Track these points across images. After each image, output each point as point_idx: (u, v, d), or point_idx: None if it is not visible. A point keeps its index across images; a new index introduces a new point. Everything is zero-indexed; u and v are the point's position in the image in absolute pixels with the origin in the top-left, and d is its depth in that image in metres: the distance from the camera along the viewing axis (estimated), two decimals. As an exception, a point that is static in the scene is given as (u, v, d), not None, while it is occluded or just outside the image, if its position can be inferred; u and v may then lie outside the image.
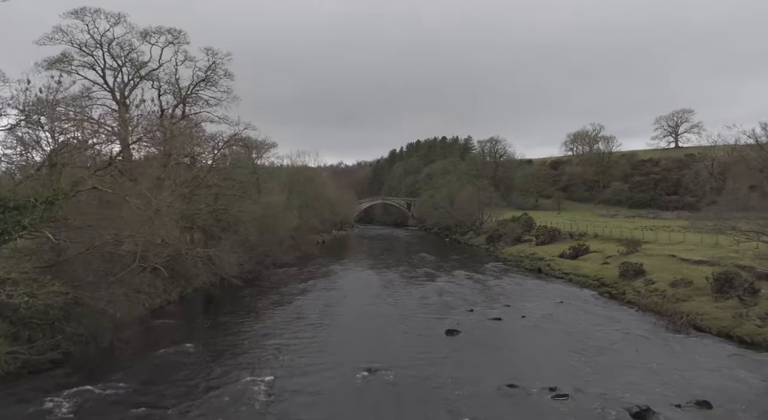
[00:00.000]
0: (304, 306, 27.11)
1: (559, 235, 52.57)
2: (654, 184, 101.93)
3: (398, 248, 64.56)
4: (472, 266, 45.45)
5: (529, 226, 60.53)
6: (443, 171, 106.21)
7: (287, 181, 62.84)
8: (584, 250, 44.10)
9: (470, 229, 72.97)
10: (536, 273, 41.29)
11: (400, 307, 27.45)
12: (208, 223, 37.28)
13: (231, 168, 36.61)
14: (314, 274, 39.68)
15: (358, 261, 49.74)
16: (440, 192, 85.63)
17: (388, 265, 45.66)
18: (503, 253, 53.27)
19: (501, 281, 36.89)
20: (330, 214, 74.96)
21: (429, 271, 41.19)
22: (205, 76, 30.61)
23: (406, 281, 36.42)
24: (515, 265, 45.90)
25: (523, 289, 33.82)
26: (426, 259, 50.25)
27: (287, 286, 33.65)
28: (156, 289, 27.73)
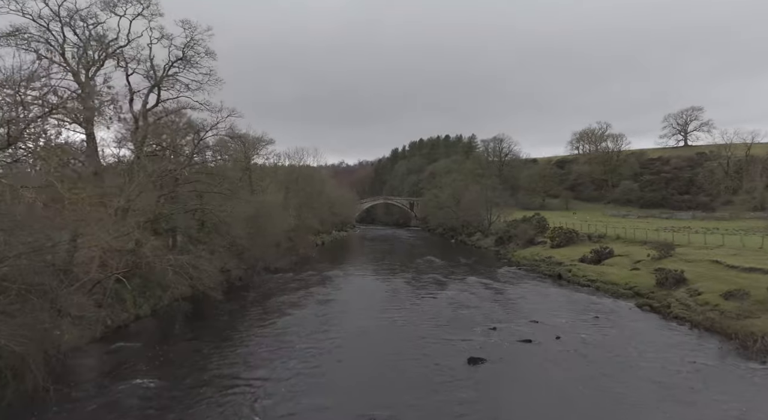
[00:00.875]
0: (295, 325, 22.62)
1: (576, 237, 48.08)
2: (665, 183, 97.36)
3: (402, 250, 60.12)
4: (485, 271, 41.00)
5: (542, 227, 56.02)
6: (447, 170, 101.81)
7: (284, 179, 58.45)
8: (608, 253, 39.61)
9: (477, 230, 68.50)
10: (556, 279, 36.82)
11: (409, 324, 23.00)
12: (189, 224, 33.04)
13: (215, 161, 32.20)
14: (310, 281, 35.25)
15: (360, 265, 45.34)
16: (445, 191, 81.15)
17: (393, 271, 41.23)
18: (516, 257, 48.79)
19: (520, 290, 32.44)
20: (330, 215, 70.56)
21: (438, 278, 36.75)
22: (183, 55, 26.11)
23: (413, 290, 31.98)
24: (531, 270, 41.42)
25: (547, 299, 29.35)
26: (433, 263, 45.81)
27: (278, 296, 29.19)
28: (123, 303, 23.35)
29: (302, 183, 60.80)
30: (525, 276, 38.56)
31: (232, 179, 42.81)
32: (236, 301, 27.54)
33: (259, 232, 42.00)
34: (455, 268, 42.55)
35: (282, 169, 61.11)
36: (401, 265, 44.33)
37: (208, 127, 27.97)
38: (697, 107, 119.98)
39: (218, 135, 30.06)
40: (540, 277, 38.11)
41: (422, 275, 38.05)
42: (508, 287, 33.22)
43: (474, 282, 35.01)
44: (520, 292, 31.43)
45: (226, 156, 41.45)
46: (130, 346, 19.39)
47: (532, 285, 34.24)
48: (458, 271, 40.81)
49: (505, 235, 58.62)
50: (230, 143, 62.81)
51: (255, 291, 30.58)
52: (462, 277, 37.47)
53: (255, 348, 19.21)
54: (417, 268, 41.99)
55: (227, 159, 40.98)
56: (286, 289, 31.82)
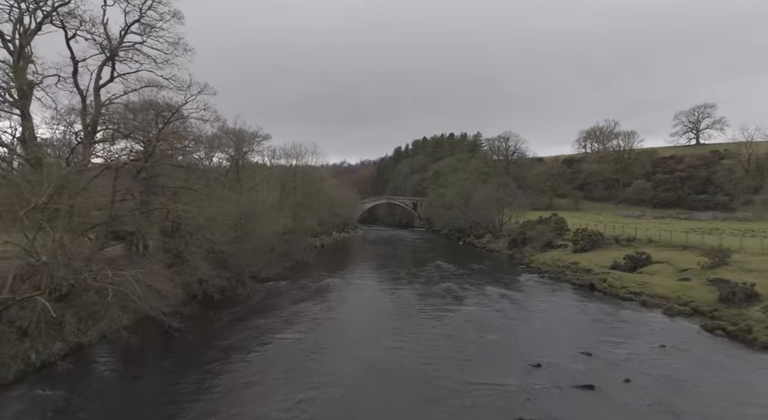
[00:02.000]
0: (278, 361, 17.02)
1: (601, 241, 42.53)
2: (680, 182, 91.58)
3: (407, 254, 54.57)
4: (503, 279, 35.49)
5: (561, 229, 50.50)
6: (452, 169, 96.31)
7: (280, 177, 52.99)
8: (645, 260, 34.08)
9: (488, 232, 62.92)
10: (588, 290, 31.28)
11: (424, 357, 17.49)
12: (163, 228, 27.63)
13: (188, 152, 26.76)
14: (304, 293, 29.72)
15: (361, 272, 39.80)
16: (451, 190, 75.61)
17: (398, 279, 35.69)
18: (534, 262, 43.22)
19: (551, 304, 26.90)
20: (330, 215, 65.09)
21: (451, 288, 31.24)
22: (140, 15, 20.63)
23: (424, 305, 26.43)
24: (556, 278, 35.86)
25: (588, 318, 23.81)
26: (443, 269, 40.28)
27: (262, 315, 23.61)
28: (60, 328, 17.85)
29: (299, 181, 55.31)
30: (551, 286, 33.01)
31: (215, 175, 37.57)
32: (208, 322, 22.00)
33: (248, 236, 36.68)
34: (469, 275, 37.00)
35: (277, 167, 55.59)
36: (407, 272, 38.79)
37: (175, 108, 22.31)
38: (709, 104, 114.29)
39: (191, 117, 24.48)
40: (569, 287, 32.55)
41: (433, 285, 32.52)
42: (536, 301, 27.68)
43: (494, 294, 29.51)
44: (553, 308, 25.89)
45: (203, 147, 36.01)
46: (47, 394, 13.94)
47: (563, 298, 28.70)
48: (473, 279, 35.28)
49: (519, 237, 53.10)
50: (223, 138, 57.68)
51: (236, 307, 25.06)
52: (479, 286, 31.96)
53: (215, 403, 13.70)
54: (426, 276, 36.46)
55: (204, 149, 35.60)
56: (273, 304, 26.29)
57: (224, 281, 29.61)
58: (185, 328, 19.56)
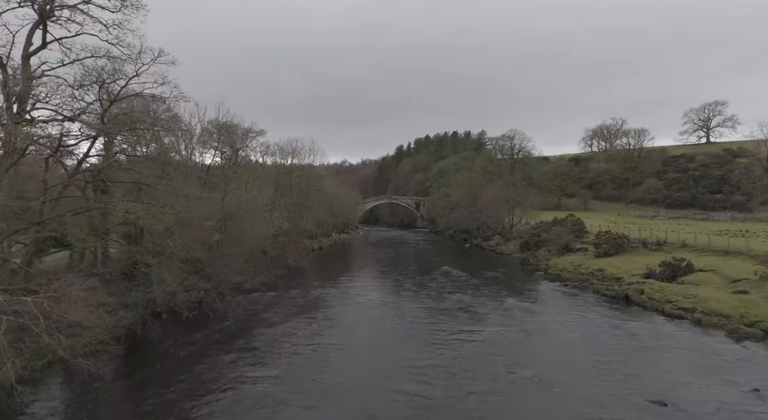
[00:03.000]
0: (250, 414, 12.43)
1: (627, 244, 37.81)
2: (693, 181, 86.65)
3: (411, 258, 49.86)
4: (522, 290, 30.81)
5: (579, 231, 45.75)
6: (456, 167, 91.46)
7: (274, 174, 48.28)
8: (685, 268, 29.30)
9: (496, 233, 58.17)
10: (622, 303, 26.56)
11: (442, 406, 12.84)
12: (127, 231, 23.01)
13: (146, 141, 22.04)
14: (294, 308, 24.96)
15: (361, 280, 35.04)
16: (457, 190, 70.87)
17: (403, 289, 30.94)
18: (552, 268, 38.44)
19: (585, 322, 22.11)
20: (329, 215, 60.41)
21: (465, 302, 26.52)
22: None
23: (436, 326, 21.65)
24: (581, 287, 31.12)
25: (639, 344, 19.00)
26: (452, 276, 35.57)
27: (233, 343, 18.65)
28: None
29: (295, 179, 50.63)
30: (577, 297, 28.26)
31: (195, 171, 32.93)
32: (155, 358, 17.05)
33: (234, 239, 32.09)
34: (482, 284, 32.28)
35: (271, 164, 50.84)
36: (412, 281, 34.07)
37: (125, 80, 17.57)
38: (720, 101, 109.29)
39: (144, 92, 19.52)
40: (599, 299, 27.82)
41: (443, 298, 27.77)
42: (567, 319, 22.93)
43: (516, 308, 24.79)
44: (590, 329, 21.12)
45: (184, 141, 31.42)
46: None
47: (597, 314, 23.93)
48: (488, 289, 30.57)
49: (532, 239, 48.37)
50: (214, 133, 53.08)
51: (205, 330, 20.34)
52: (496, 299, 27.25)
53: None
54: (433, 286, 31.73)
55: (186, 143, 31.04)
56: (253, 325, 21.53)
57: (200, 294, 25.05)
58: (118, 371, 14.91)
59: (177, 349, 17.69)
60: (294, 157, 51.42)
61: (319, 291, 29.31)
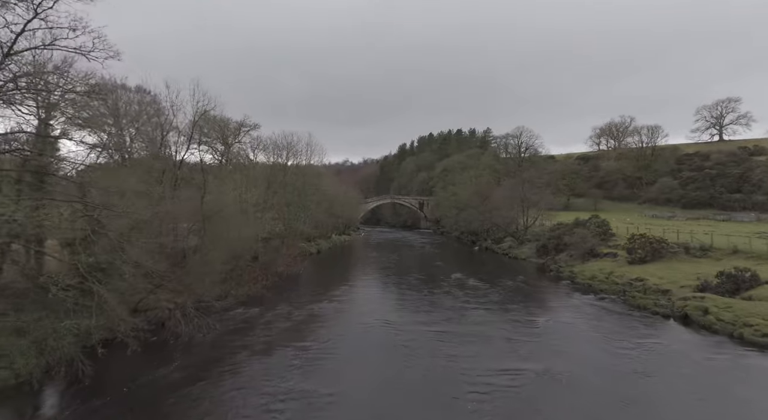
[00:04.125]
0: None
1: (665, 249, 32.67)
2: (710, 180, 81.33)
3: (418, 263, 44.72)
4: (552, 304, 25.73)
5: (604, 233, 40.60)
6: (462, 166, 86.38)
7: (267, 171, 43.24)
8: (750, 279, 24.15)
9: (509, 235, 53.03)
10: (680, 322, 21.48)
11: None
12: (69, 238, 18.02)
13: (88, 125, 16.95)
14: (277, 332, 19.71)
15: (363, 291, 29.87)
16: (464, 189, 65.73)
17: (412, 304, 25.75)
18: (579, 275, 33.29)
19: (647, 354, 16.95)
20: (327, 216, 55.33)
21: (488, 322, 21.42)
22: None
23: (457, 359, 16.44)
24: (618, 300, 26.03)
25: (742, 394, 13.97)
26: (467, 287, 30.46)
27: (186, 389, 13.62)
28: None
29: (291, 176, 45.57)
30: (623, 316, 23.08)
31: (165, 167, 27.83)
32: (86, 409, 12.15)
33: (213, 244, 27.05)
34: (505, 298, 27.16)
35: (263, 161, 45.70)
36: (422, 293, 28.97)
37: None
38: (734, 98, 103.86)
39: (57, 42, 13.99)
40: (647, 316, 22.68)
41: (461, 316, 22.61)
42: (624, 348, 17.67)
43: (554, 333, 19.69)
44: (659, 364, 15.94)
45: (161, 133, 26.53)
46: None
47: (658, 340, 18.72)
48: (512, 304, 25.47)
49: (551, 242, 43.26)
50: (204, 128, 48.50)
51: (158, 367, 15.15)
52: (526, 318, 22.15)
53: None
54: (448, 301, 26.59)
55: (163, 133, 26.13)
56: (221, 358, 16.27)
57: (165, 313, 19.98)
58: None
59: (104, 400, 12.62)
60: (289, 152, 46.26)
61: (312, 307, 24.19)
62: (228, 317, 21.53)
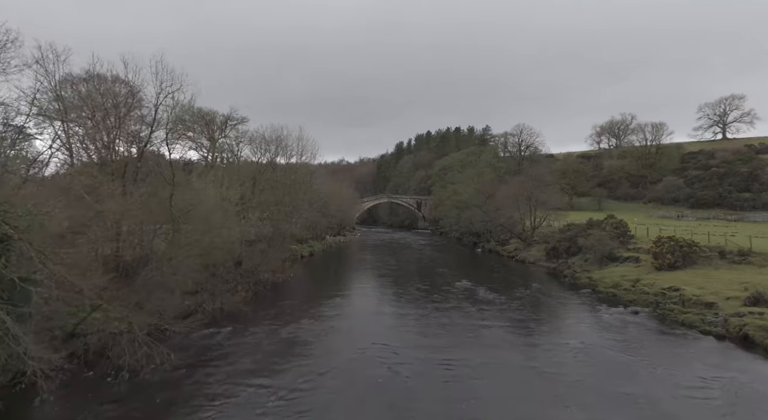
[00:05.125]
0: None
1: (697, 254, 28.78)
2: (718, 179, 77.79)
3: (419, 268, 40.59)
4: (575, 319, 21.66)
5: (623, 235, 36.67)
6: (461, 164, 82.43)
7: (254, 167, 39.04)
8: (813, 291, 20.27)
9: (514, 236, 49.11)
10: (738, 344, 17.56)
11: None
12: None
13: None
14: (249, 366, 15.34)
15: (358, 304, 25.59)
16: (466, 187, 61.75)
17: (417, 321, 21.56)
18: (600, 283, 29.31)
19: (719, 400, 13.04)
20: (321, 216, 51.17)
21: (505, 340, 17.42)
22: None
23: (476, 393, 12.49)
24: (653, 314, 22.06)
25: None
26: (477, 298, 26.43)
27: None
28: None
29: (280, 173, 41.39)
30: (666, 335, 19.08)
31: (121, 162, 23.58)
32: None
33: (184, 250, 22.88)
34: (522, 310, 23.12)
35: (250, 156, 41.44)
36: (428, 307, 24.89)
37: None
38: (737, 95, 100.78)
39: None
40: (695, 336, 18.73)
41: (476, 338, 18.52)
42: (691, 382, 13.69)
43: (594, 355, 15.69)
44: (744, 406, 12.05)
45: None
46: None
47: (726, 369, 14.69)
48: (532, 318, 21.44)
49: (562, 245, 39.34)
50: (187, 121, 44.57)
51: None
52: (552, 336, 18.14)
53: None
54: (458, 314, 22.52)
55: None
56: (168, 406, 12.17)
57: (106, 338, 15.82)
58: None
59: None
60: (278, 147, 42.01)
61: (297, 326, 20.05)
62: (191, 342, 17.36)
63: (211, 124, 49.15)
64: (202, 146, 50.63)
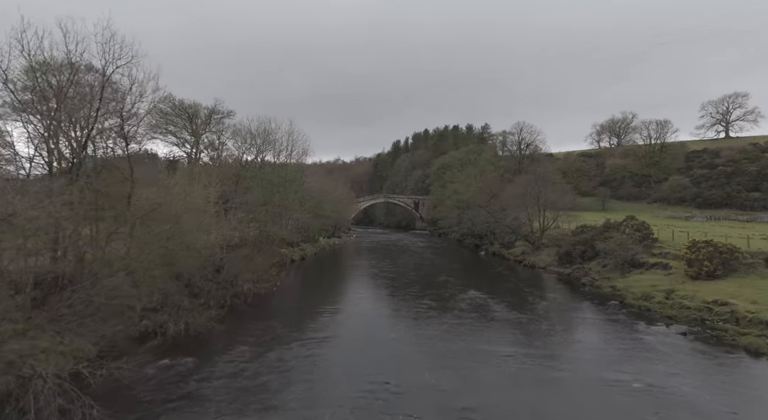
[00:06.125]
0: None
1: (737, 260, 25.03)
2: (726, 178, 74.41)
3: (420, 275, 36.47)
4: (619, 344, 17.75)
5: (645, 238, 32.89)
6: (461, 162, 78.60)
7: (239, 163, 34.95)
8: None
9: (520, 239, 45.29)
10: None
11: None
12: None
13: None
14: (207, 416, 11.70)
15: (353, 322, 21.43)
16: (467, 186, 57.88)
17: (422, 346, 17.62)
18: (628, 295, 25.46)
19: None
20: (313, 217, 47.11)
21: (536, 373, 13.55)
22: None
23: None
24: (705, 337, 18.27)
25: None
26: (490, 313, 22.52)
27: None
28: None
29: (267, 170, 37.30)
30: (734, 366, 15.29)
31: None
32: None
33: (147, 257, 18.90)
34: (550, 333, 19.22)
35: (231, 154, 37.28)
36: (433, 323, 20.97)
37: None
38: (741, 93, 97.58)
39: None
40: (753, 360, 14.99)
41: (500, 371, 14.65)
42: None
43: (664, 401, 11.82)
44: None
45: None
46: None
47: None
48: (565, 343, 17.59)
49: (576, 249, 35.52)
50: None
51: None
52: (601, 369, 14.26)
53: None
54: (473, 337, 18.60)
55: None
56: None
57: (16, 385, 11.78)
58: None
59: None
60: (266, 143, 37.89)
61: (277, 356, 16.00)
62: (138, 379, 13.32)
63: (194, 118, 45.07)
64: (185, 142, 46.54)
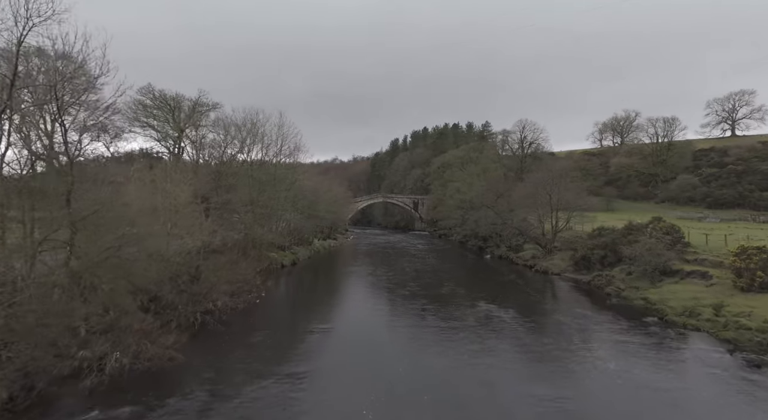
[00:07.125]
0: None
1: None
2: (737, 177, 70.85)
3: (423, 283, 32.40)
4: (675, 381, 14.01)
5: (675, 242, 29.05)
6: (462, 160, 74.77)
7: (219, 158, 30.98)
8: None
9: (530, 241, 41.48)
10: None
11: None
12: None
13: None
14: None
15: (347, 347, 17.43)
16: (471, 186, 54.03)
17: (430, 379, 13.85)
18: (661, 306, 21.70)
19: None
20: (306, 218, 43.16)
21: None
22: None
23: None
24: None
25: None
26: (508, 331, 18.66)
27: None
28: None
29: (254, 167, 33.34)
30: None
31: None
32: None
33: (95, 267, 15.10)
34: (584, 359, 15.41)
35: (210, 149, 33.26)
36: (441, 343, 17.11)
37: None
38: (747, 90, 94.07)
39: None
40: None
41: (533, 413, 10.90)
42: None
43: None
44: None
45: None
46: None
47: None
48: (604, 373, 13.77)
49: (595, 254, 31.73)
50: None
51: None
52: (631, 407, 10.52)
53: None
54: (489, 366, 14.76)
55: None
56: None
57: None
58: None
59: None
60: (253, 136, 33.91)
61: (249, 397, 12.12)
62: None
63: (176, 110, 41.08)
64: (167, 136, 42.55)
